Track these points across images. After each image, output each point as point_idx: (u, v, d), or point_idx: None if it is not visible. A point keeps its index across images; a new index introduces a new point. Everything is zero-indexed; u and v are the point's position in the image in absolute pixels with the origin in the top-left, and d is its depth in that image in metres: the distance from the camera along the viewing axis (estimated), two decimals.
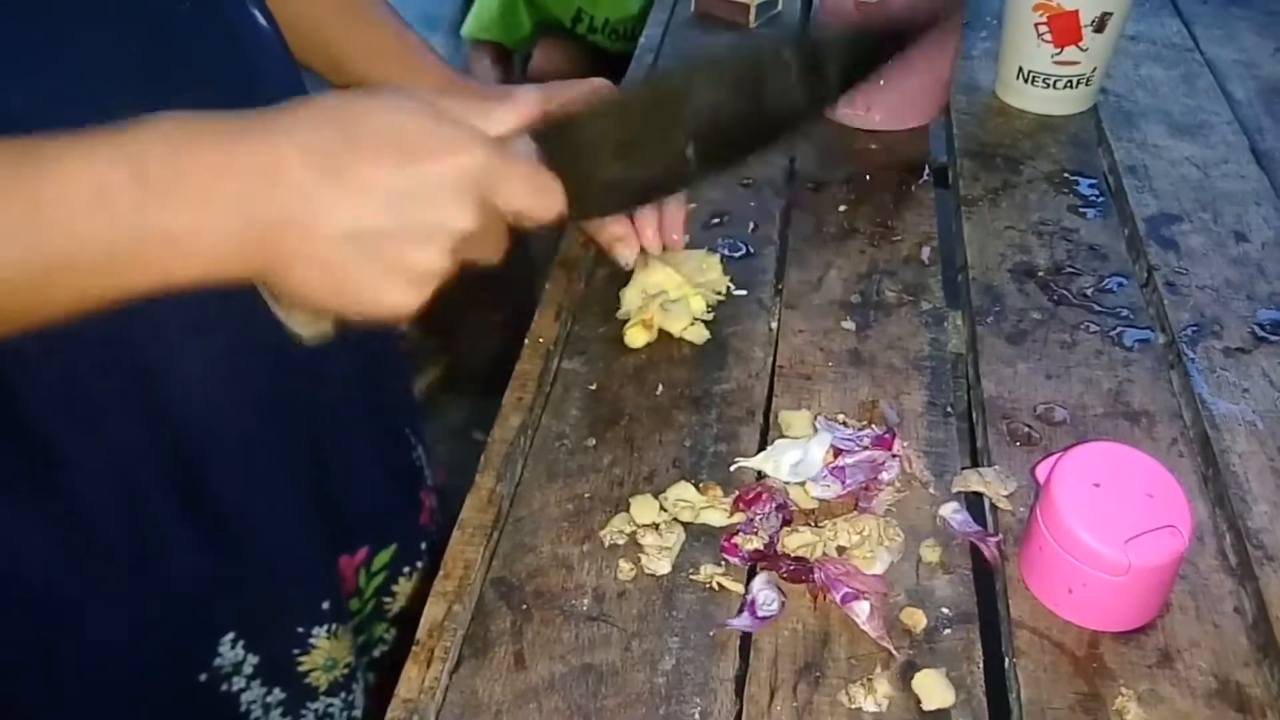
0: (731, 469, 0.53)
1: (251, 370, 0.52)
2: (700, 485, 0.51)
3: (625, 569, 0.48)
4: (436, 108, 0.40)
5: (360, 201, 0.38)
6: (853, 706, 0.43)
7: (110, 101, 0.43)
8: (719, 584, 0.48)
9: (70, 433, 0.48)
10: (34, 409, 0.47)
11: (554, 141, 0.44)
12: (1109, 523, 0.44)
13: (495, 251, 0.43)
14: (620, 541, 0.49)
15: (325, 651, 0.61)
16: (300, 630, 0.60)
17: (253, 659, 0.57)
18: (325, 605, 0.60)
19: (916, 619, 0.46)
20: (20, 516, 0.49)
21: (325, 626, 0.60)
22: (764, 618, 0.46)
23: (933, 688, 0.43)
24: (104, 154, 0.36)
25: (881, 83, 0.78)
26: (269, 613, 0.58)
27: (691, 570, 0.48)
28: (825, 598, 0.47)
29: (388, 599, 0.67)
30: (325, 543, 0.61)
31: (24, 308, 0.37)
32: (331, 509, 0.60)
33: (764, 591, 0.47)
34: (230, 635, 0.57)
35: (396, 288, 0.40)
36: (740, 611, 0.46)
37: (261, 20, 0.54)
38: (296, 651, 0.60)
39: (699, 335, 0.60)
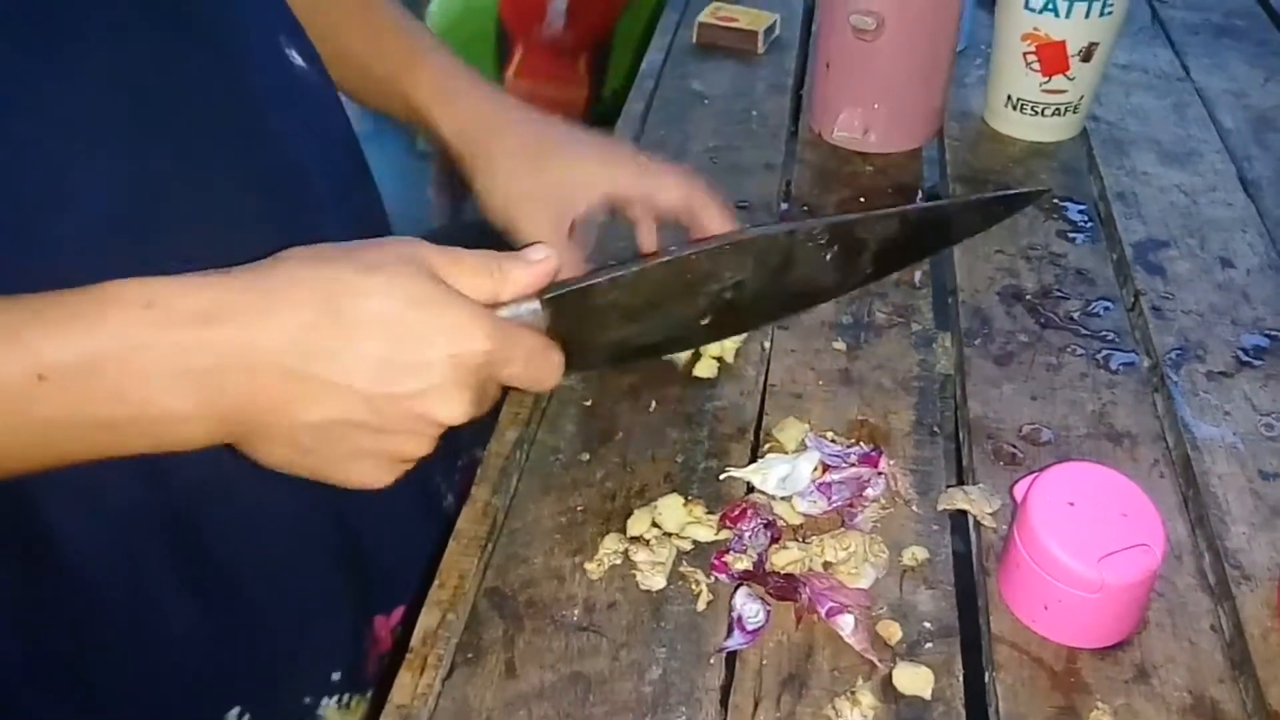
0: (720, 478, 0.55)
1: None
2: (686, 502, 0.53)
3: (617, 582, 0.49)
4: (437, 284, 0.37)
5: (337, 393, 0.36)
6: (838, 719, 0.44)
7: (93, 153, 0.43)
8: (696, 586, 0.49)
9: (62, 498, 0.47)
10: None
11: (564, 310, 0.44)
12: (1083, 541, 0.45)
13: (483, 412, 0.41)
14: (616, 562, 0.50)
15: None
16: (308, 701, 0.58)
17: None
18: (336, 676, 0.58)
19: (892, 631, 0.47)
20: (11, 583, 0.48)
21: (335, 698, 0.59)
22: (753, 631, 0.47)
23: (911, 680, 0.45)
24: (57, 336, 0.35)
25: (876, 105, 0.81)
26: (276, 683, 0.57)
27: (680, 581, 0.50)
28: (812, 617, 0.48)
29: None
30: (346, 610, 0.59)
31: (17, 466, 0.38)
32: (360, 570, 0.58)
33: (748, 605, 0.48)
34: (236, 710, 0.55)
35: (370, 470, 0.39)
36: (730, 631, 0.47)
37: (298, 60, 0.53)
38: None
39: (709, 370, 0.61)
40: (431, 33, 0.63)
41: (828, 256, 0.51)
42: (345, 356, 0.36)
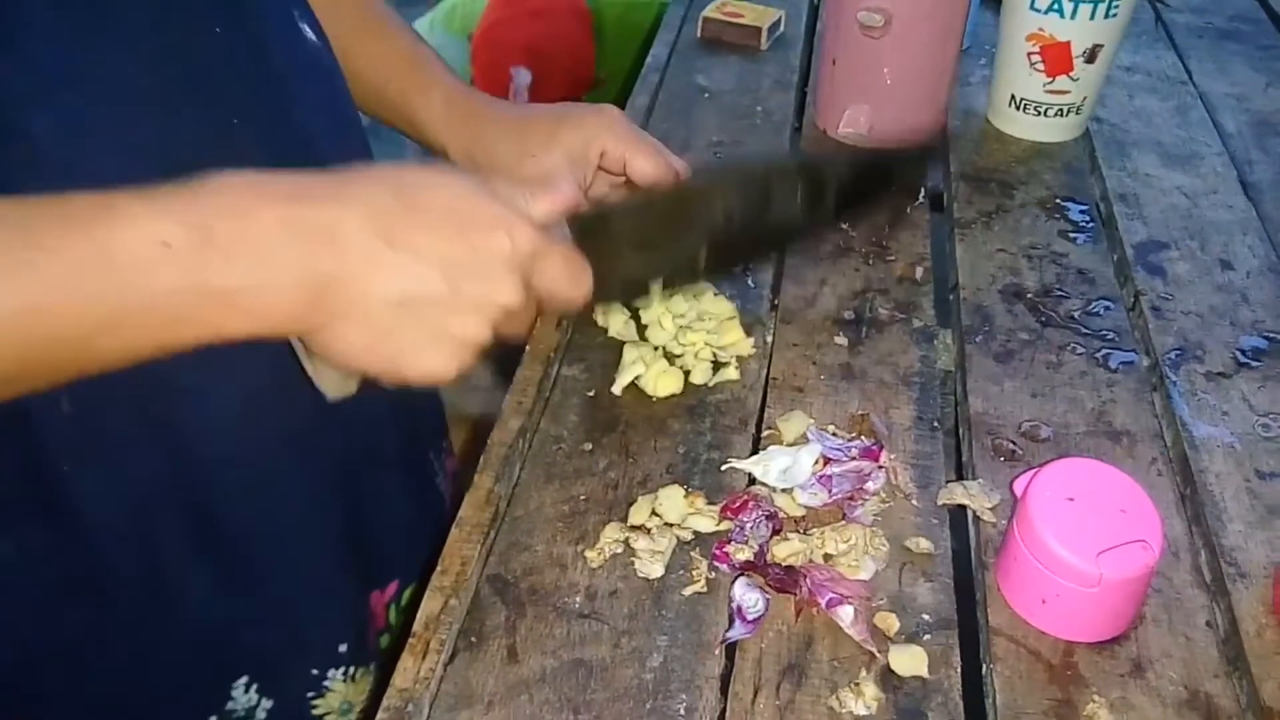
0: (722, 469, 0.55)
1: (280, 410, 0.51)
2: (687, 493, 0.53)
3: (618, 571, 0.50)
4: (489, 187, 0.42)
5: (416, 267, 0.39)
6: (843, 710, 0.44)
7: (133, 126, 0.44)
8: (697, 572, 0.49)
9: (83, 467, 0.47)
10: (46, 443, 0.46)
11: (587, 231, 0.48)
12: (1081, 536, 0.45)
13: (523, 328, 0.45)
14: (617, 551, 0.51)
15: (341, 695, 0.60)
16: (315, 673, 0.59)
17: (266, 703, 0.57)
18: (343, 648, 0.59)
19: (890, 623, 0.47)
20: (29, 548, 0.48)
21: (342, 670, 0.59)
22: (754, 620, 0.48)
23: (908, 661, 0.46)
24: (171, 211, 0.36)
25: (881, 102, 0.81)
26: (285, 655, 0.57)
27: (682, 571, 0.50)
28: (811, 610, 0.48)
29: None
30: (351, 583, 0.60)
31: (78, 356, 0.37)
32: (363, 545, 0.59)
33: (747, 594, 0.48)
34: (244, 679, 0.56)
35: (437, 353, 0.41)
36: (731, 621, 0.48)
37: (310, 35, 0.54)
38: (311, 695, 0.59)
39: (704, 375, 0.61)
40: (437, 53, 0.64)
41: (798, 196, 0.58)
42: (419, 236, 0.39)
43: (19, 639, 0.51)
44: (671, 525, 0.52)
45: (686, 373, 0.60)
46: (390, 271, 0.39)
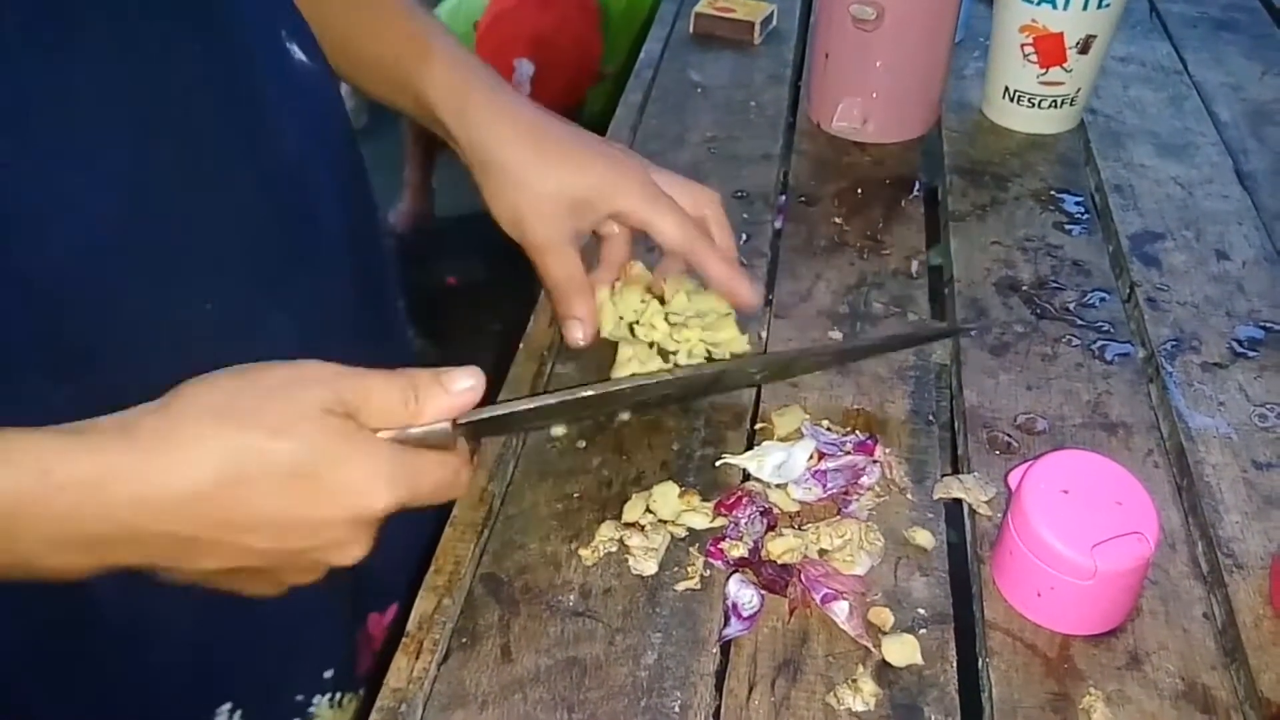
0: (717, 465, 0.55)
1: None
2: (681, 492, 0.53)
3: (612, 569, 0.50)
4: (343, 439, 0.38)
5: (229, 554, 0.39)
6: (841, 707, 0.44)
7: (101, 152, 0.42)
8: (692, 567, 0.49)
9: None
10: None
11: (478, 429, 0.44)
12: (1076, 528, 0.45)
13: (447, 496, 0.44)
14: (612, 550, 0.50)
15: None
16: (300, 699, 0.58)
17: None
18: (328, 674, 0.58)
19: (885, 618, 0.47)
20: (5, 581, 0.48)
21: (328, 696, 0.59)
22: (750, 617, 0.47)
23: (900, 651, 0.46)
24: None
25: (875, 95, 0.81)
26: (270, 681, 0.57)
27: (676, 568, 0.50)
28: (805, 610, 0.48)
29: None
30: (341, 608, 0.59)
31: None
32: (358, 569, 0.58)
33: (742, 591, 0.48)
34: (227, 706, 0.55)
35: (266, 589, 0.43)
36: (727, 619, 0.48)
37: (300, 55, 0.52)
38: None
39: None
40: (437, 19, 0.61)
41: (758, 377, 0.58)
42: (239, 523, 0.38)
43: (2, 663, 0.50)
44: (666, 522, 0.52)
45: None
46: (198, 555, 0.39)
